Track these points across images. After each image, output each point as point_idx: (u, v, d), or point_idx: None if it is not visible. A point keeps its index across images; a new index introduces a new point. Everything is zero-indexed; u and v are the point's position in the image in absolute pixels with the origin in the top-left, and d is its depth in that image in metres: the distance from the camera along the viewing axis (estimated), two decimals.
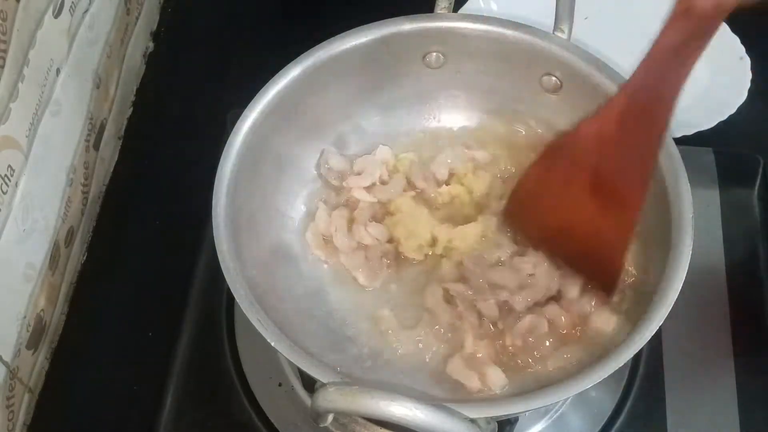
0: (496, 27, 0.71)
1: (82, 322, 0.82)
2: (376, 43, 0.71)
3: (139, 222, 0.88)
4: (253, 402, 0.73)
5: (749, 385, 0.73)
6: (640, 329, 0.56)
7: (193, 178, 0.69)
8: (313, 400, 0.50)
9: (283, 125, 0.71)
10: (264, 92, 0.68)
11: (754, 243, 0.82)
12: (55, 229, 0.78)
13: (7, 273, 0.70)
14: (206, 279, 0.79)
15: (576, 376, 0.56)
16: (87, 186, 0.85)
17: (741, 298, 0.78)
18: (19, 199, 0.70)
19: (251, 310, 0.58)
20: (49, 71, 0.74)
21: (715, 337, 0.76)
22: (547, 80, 0.72)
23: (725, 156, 0.86)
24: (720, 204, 0.83)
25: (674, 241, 0.60)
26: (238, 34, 1.03)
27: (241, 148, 0.66)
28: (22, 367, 0.73)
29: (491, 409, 0.54)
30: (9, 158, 0.68)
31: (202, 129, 0.87)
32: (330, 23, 0.72)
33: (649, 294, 0.59)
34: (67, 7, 0.77)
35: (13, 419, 0.72)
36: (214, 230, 0.61)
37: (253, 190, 0.68)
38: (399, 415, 0.48)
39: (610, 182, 0.55)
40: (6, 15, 0.65)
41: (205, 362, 0.75)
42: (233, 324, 0.76)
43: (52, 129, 0.75)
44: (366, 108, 0.77)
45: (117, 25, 0.90)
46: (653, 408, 0.72)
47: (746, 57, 0.90)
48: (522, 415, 0.69)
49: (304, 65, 0.70)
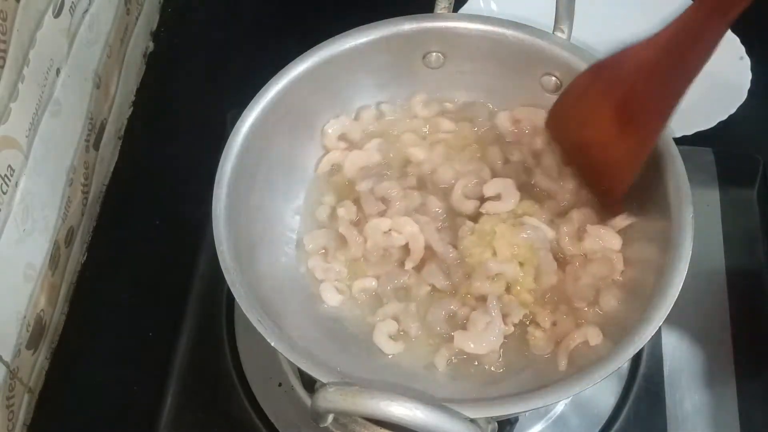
0: (496, 27, 0.71)
1: (82, 322, 0.82)
2: (376, 43, 0.71)
3: (139, 222, 0.88)
4: (253, 402, 0.73)
5: (749, 385, 0.73)
6: (640, 329, 0.56)
7: (193, 178, 0.69)
8: (313, 400, 0.50)
9: (283, 125, 0.71)
10: (264, 92, 0.68)
11: (754, 243, 0.82)
12: (55, 229, 0.78)
13: (7, 273, 0.70)
14: (206, 279, 0.79)
15: (576, 376, 0.56)
16: (87, 186, 0.85)
17: (741, 298, 0.78)
18: (19, 199, 0.70)
19: (251, 310, 0.58)
20: (49, 71, 0.74)
21: (715, 337, 0.76)
22: (547, 80, 0.72)
23: (725, 156, 0.86)
24: (720, 204, 0.83)
25: (674, 241, 0.60)
26: (238, 34, 1.03)
27: (241, 148, 0.66)
28: (22, 367, 0.73)
29: (491, 409, 0.54)
30: (9, 158, 0.68)
31: (202, 129, 0.87)
32: (330, 23, 0.72)
33: (649, 294, 0.59)
34: (67, 7, 0.77)
35: (13, 419, 0.72)
36: (214, 230, 0.61)
37: (253, 190, 0.68)
38: (399, 415, 0.48)
39: (639, 105, 0.57)
40: (6, 15, 0.65)
41: (205, 362, 0.75)
42: (233, 324, 0.77)
43: (52, 129, 0.75)
44: (366, 108, 0.77)
45: (117, 25, 0.90)
46: (653, 408, 0.72)
47: (746, 57, 0.90)
48: (522, 415, 0.70)
49: (304, 65, 0.70)
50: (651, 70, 0.55)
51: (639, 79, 0.55)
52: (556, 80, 0.71)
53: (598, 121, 0.59)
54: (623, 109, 0.57)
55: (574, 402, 0.72)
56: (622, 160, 0.60)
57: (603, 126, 0.59)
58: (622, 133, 0.58)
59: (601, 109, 0.59)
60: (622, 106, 0.57)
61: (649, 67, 0.55)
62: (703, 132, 0.85)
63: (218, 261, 0.60)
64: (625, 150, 0.59)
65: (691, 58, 0.53)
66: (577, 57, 0.69)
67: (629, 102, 0.56)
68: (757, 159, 0.86)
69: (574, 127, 0.63)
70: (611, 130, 0.58)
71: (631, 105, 0.56)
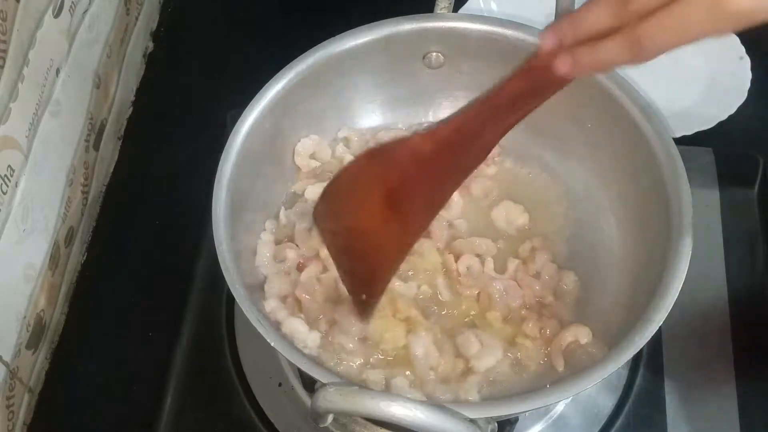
0: (496, 27, 0.71)
1: (82, 322, 0.82)
2: (376, 43, 0.71)
3: (139, 222, 0.88)
4: (253, 402, 0.73)
5: (749, 385, 0.73)
6: (641, 329, 0.56)
7: (193, 178, 0.69)
8: (313, 400, 0.50)
9: (283, 125, 0.71)
10: (264, 92, 0.68)
11: (754, 243, 0.82)
12: (55, 229, 0.78)
13: (7, 273, 0.70)
14: (206, 279, 0.79)
15: (576, 376, 0.56)
16: (87, 186, 0.85)
17: (741, 298, 0.78)
18: (19, 199, 0.70)
19: (251, 310, 0.58)
20: (49, 71, 0.74)
21: (715, 337, 0.76)
22: None
23: (725, 156, 0.86)
24: (720, 204, 0.83)
25: (674, 241, 0.60)
26: (238, 34, 1.03)
27: (241, 148, 0.66)
28: (22, 367, 0.73)
29: (491, 409, 0.54)
30: (9, 158, 0.68)
31: (202, 129, 0.87)
32: (330, 23, 0.72)
33: (649, 294, 0.59)
34: (67, 7, 0.77)
35: (13, 419, 0.72)
36: (214, 230, 0.61)
37: (253, 190, 0.68)
38: (399, 415, 0.48)
39: (410, 194, 0.56)
40: (6, 15, 0.65)
41: (205, 362, 0.75)
42: (233, 324, 0.76)
43: (52, 129, 0.75)
44: (366, 108, 0.77)
45: (117, 25, 0.90)
46: (653, 408, 0.72)
47: (746, 57, 0.90)
48: (522, 415, 0.69)
49: (304, 65, 0.70)
50: (425, 162, 0.54)
51: (411, 169, 0.54)
52: None
53: (367, 205, 0.57)
54: (393, 196, 0.55)
55: (574, 402, 0.72)
56: (386, 248, 0.58)
57: (371, 212, 0.57)
58: (390, 221, 0.56)
59: (371, 193, 0.57)
60: (393, 193, 0.55)
61: (423, 158, 0.54)
62: (703, 132, 0.85)
63: (218, 261, 0.60)
64: (391, 238, 0.57)
65: (465, 157, 0.53)
66: None
67: (400, 190, 0.55)
68: (757, 159, 0.86)
69: (342, 213, 0.61)
70: (379, 217, 0.56)
71: (402, 193, 0.55)
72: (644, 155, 0.65)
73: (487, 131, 0.52)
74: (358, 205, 0.58)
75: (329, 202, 0.60)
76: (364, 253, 0.59)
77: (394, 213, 0.56)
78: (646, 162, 0.65)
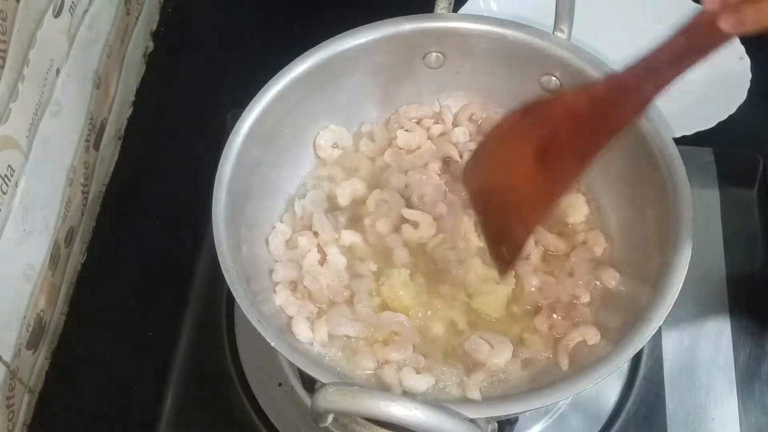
0: (496, 27, 0.71)
1: (82, 322, 0.82)
2: (376, 43, 0.71)
3: (139, 222, 0.88)
4: (253, 402, 0.73)
5: (749, 386, 0.73)
6: (641, 329, 0.56)
7: (193, 177, 0.69)
8: (313, 400, 0.50)
9: (283, 125, 0.71)
10: (264, 92, 0.68)
11: (754, 243, 0.82)
12: (55, 229, 0.78)
13: (7, 273, 0.70)
14: (206, 279, 0.79)
15: (576, 376, 0.56)
16: (87, 186, 0.85)
17: (741, 298, 0.78)
18: (19, 199, 0.70)
19: (251, 310, 0.58)
20: (49, 71, 0.74)
21: (715, 337, 0.76)
22: (546, 80, 0.72)
23: (725, 156, 0.86)
24: (720, 204, 0.83)
25: (674, 241, 0.60)
26: (238, 34, 1.03)
27: (241, 148, 0.66)
28: (22, 367, 0.73)
29: (491, 409, 0.54)
30: (9, 158, 0.68)
31: (202, 129, 0.87)
32: (330, 23, 0.72)
33: (649, 294, 0.59)
34: (67, 7, 0.77)
35: (13, 419, 0.72)
36: (214, 230, 0.61)
37: (253, 191, 0.68)
38: (399, 415, 0.48)
39: (560, 149, 0.57)
40: (6, 15, 0.65)
41: (205, 362, 0.75)
42: (233, 324, 0.77)
43: (52, 129, 0.75)
44: (366, 108, 0.77)
45: (117, 25, 0.90)
46: (653, 408, 0.72)
47: (746, 57, 0.90)
48: (522, 415, 0.69)
49: (304, 65, 0.70)
50: (579, 117, 0.55)
51: (565, 125, 0.56)
52: (556, 80, 0.72)
53: (517, 160, 0.59)
54: (544, 151, 0.57)
55: (575, 402, 0.72)
56: (532, 201, 0.59)
57: (520, 165, 0.59)
58: (538, 174, 0.58)
59: (521, 148, 0.59)
60: (544, 148, 0.57)
61: (577, 114, 0.55)
62: (703, 132, 0.85)
63: (218, 261, 0.60)
64: (538, 191, 0.59)
65: (619, 113, 0.54)
66: (577, 57, 0.69)
67: (552, 145, 0.57)
68: (757, 159, 0.86)
69: (491, 168, 0.63)
70: (528, 170, 0.58)
71: (553, 148, 0.57)
72: (644, 155, 0.65)
73: (643, 87, 0.53)
74: (510, 159, 0.60)
75: (481, 158, 0.63)
76: (511, 207, 0.61)
77: (544, 167, 0.57)
78: (646, 162, 0.65)
